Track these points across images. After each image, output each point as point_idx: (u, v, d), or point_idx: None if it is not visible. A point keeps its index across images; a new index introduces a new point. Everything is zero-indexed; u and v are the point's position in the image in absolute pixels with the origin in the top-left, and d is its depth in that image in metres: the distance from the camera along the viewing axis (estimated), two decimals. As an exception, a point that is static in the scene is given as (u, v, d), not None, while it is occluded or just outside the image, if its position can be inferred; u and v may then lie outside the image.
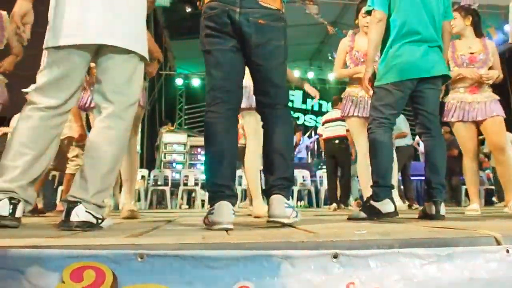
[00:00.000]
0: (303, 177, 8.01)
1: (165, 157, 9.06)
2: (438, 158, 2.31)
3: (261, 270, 0.97)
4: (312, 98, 4.07)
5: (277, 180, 1.78)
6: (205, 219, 1.72)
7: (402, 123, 5.57)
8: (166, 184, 7.78)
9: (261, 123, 1.95)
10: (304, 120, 13.24)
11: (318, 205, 7.79)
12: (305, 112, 13.32)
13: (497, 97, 3.35)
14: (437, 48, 2.38)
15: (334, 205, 5.21)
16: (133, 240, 1.05)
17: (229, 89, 1.81)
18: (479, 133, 3.39)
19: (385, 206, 2.16)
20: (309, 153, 9.84)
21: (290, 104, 12.36)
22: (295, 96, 13.20)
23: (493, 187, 8.26)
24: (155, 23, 8.75)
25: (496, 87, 3.49)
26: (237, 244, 1.00)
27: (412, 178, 6.61)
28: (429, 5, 2.36)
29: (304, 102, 13.31)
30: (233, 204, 1.69)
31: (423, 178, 2.52)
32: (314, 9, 8.36)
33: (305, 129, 11.86)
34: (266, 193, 1.84)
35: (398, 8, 2.36)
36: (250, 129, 3.13)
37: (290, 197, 1.90)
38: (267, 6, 1.80)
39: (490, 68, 3.31)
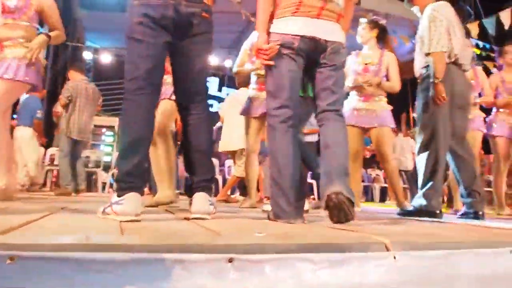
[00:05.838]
0: (212, 165, 7.95)
1: (65, 135, 8.38)
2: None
3: (151, 275, 0.90)
4: (228, 86, 4.09)
5: (202, 181, 1.87)
6: (110, 208, 1.69)
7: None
8: (64, 164, 7.23)
9: None
10: (219, 108, 13.16)
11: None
12: (219, 100, 13.25)
13: (388, 108, 3.67)
14: None
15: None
16: (2, 239, 0.92)
17: (154, 82, 1.81)
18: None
19: None
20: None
21: (204, 91, 11.92)
22: (211, 83, 13.06)
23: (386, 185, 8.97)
24: (65, -11, 8.05)
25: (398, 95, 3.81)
26: (126, 246, 0.92)
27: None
28: None
29: (219, 89, 13.24)
30: (141, 195, 1.73)
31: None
32: (235, -4, 8.33)
33: (218, 117, 11.81)
34: (190, 191, 1.89)
35: None
36: None
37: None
38: (206, 3, 1.91)
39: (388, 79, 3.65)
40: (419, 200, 2.78)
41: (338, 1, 2.03)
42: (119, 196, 1.68)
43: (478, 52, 9.52)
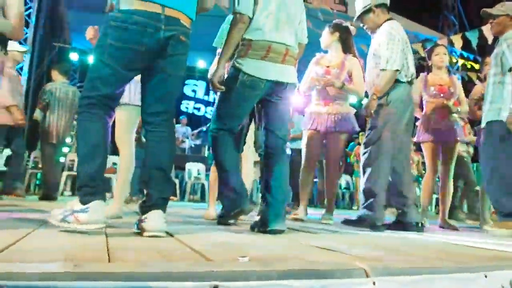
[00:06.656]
0: (198, 170, 7.97)
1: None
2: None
3: (136, 303, 0.93)
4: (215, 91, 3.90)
5: (159, 199, 1.86)
6: (72, 216, 1.70)
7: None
8: (48, 167, 7.14)
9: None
10: (205, 112, 13.18)
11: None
12: (207, 103, 13.27)
13: (350, 111, 3.61)
14: None
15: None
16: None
17: (109, 104, 1.87)
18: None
19: None
20: (207, 146, 9.79)
21: (192, 94, 12.06)
22: (198, 87, 13.06)
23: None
24: (52, -10, 7.97)
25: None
26: (114, 274, 0.94)
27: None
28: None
29: (206, 93, 13.24)
30: (104, 201, 1.77)
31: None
32: (224, 1, 8.39)
33: (204, 120, 11.83)
34: (145, 207, 1.86)
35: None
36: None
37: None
38: (186, 26, 1.92)
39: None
40: (364, 211, 2.87)
41: (295, 47, 2.38)
42: (83, 203, 1.69)
43: (462, 62, 9.74)
